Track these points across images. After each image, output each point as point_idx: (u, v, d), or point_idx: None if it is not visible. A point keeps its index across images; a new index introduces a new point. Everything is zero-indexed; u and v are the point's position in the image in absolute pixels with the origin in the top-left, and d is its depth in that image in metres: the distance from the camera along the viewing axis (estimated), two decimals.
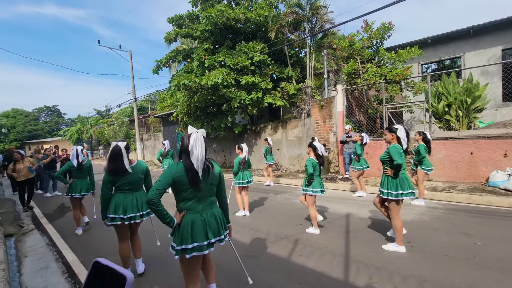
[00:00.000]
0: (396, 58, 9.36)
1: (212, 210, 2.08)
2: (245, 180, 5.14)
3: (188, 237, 1.93)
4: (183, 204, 2.00)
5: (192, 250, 1.93)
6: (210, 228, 2.00)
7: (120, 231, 2.93)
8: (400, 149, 3.28)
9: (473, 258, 3.02)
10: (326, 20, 10.02)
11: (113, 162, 2.84)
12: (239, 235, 4.14)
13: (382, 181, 3.47)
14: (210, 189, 2.06)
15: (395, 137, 3.37)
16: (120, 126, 22.51)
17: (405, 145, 3.33)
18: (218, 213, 2.12)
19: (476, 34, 10.02)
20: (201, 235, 1.95)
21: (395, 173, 3.29)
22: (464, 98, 6.85)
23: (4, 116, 48.72)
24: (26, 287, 3.10)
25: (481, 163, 6.40)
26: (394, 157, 3.22)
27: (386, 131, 3.47)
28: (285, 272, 2.97)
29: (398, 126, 3.40)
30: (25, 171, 6.64)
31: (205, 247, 1.96)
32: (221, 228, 2.08)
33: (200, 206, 2.02)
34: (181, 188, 1.95)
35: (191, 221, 1.96)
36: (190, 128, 2.03)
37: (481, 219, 4.34)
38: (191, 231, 1.95)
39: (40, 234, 4.84)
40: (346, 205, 5.61)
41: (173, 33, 12.03)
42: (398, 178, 3.29)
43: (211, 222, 2.02)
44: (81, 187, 4.63)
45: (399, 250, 3.27)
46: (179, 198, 2.01)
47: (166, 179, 1.90)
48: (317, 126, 9.41)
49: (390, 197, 3.29)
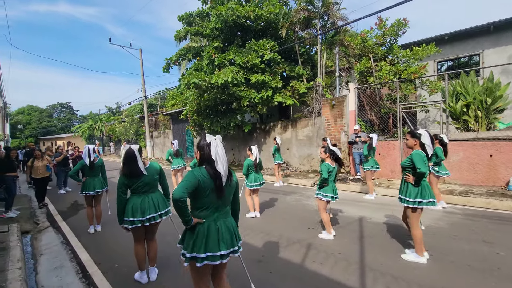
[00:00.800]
0: (411, 56, 9.07)
1: (227, 220, 2.03)
2: (257, 182, 5.07)
3: (202, 246, 1.89)
4: (199, 212, 1.95)
5: (204, 259, 1.89)
6: (223, 239, 1.95)
7: (137, 233, 2.93)
8: (424, 157, 3.10)
9: (497, 269, 2.88)
10: (339, 17, 9.79)
11: (128, 165, 2.86)
12: (250, 238, 4.10)
13: (402, 187, 3.30)
14: (227, 198, 2.02)
15: (418, 143, 3.18)
16: (130, 123, 22.81)
17: (430, 151, 3.14)
18: (232, 225, 2.07)
19: (496, 30, 9.59)
20: (214, 245, 1.91)
21: (417, 181, 3.11)
22: (484, 98, 6.57)
23: (19, 113, 50.21)
24: (42, 286, 3.15)
25: (501, 166, 6.15)
26: (418, 165, 3.04)
27: (409, 135, 3.27)
28: (298, 279, 2.91)
29: (422, 131, 3.18)
30: (43, 169, 6.84)
31: (217, 258, 1.92)
32: (234, 239, 2.03)
33: (216, 214, 1.97)
34: (202, 193, 1.90)
35: (207, 227, 1.93)
36: (209, 137, 1.98)
37: (503, 226, 4.15)
38: (206, 240, 1.91)
39: (55, 232, 4.93)
40: (359, 208, 5.49)
41: (183, 31, 12.02)
42: (420, 186, 3.13)
43: (225, 232, 1.97)
44: (94, 185, 4.69)
45: (419, 261, 3.10)
46: (196, 205, 1.96)
47: (193, 180, 1.85)
48: (328, 125, 9.25)
49: (409, 204, 3.15)
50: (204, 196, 1.91)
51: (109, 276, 3.16)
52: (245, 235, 4.20)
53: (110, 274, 3.21)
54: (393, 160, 7.74)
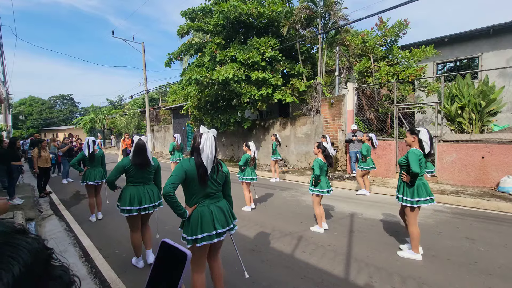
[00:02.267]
0: (410, 57, 9.18)
1: (219, 203, 2.22)
2: (249, 177, 5.26)
3: (198, 228, 2.08)
4: (192, 199, 2.15)
5: (202, 239, 2.08)
6: (217, 220, 2.14)
7: (132, 221, 3.11)
8: (420, 155, 3.14)
9: (474, 263, 3.06)
10: (340, 16, 9.87)
11: (138, 155, 3.03)
12: (244, 229, 4.29)
13: (399, 185, 3.36)
14: (217, 187, 2.20)
15: (417, 140, 3.23)
16: (131, 117, 22.97)
17: (428, 148, 3.17)
18: (225, 205, 2.26)
19: (496, 33, 9.68)
20: (209, 226, 2.10)
21: (411, 181, 3.17)
22: (478, 101, 6.71)
23: (21, 104, 50.36)
24: None
25: (492, 168, 6.31)
26: (412, 165, 3.08)
27: (408, 132, 3.33)
28: (288, 268, 3.10)
29: (420, 129, 3.24)
30: (48, 159, 7.19)
31: (214, 236, 2.11)
32: (229, 219, 2.23)
33: (207, 200, 2.16)
34: (191, 183, 2.09)
35: (200, 213, 2.11)
36: (202, 128, 2.16)
37: (487, 225, 4.33)
38: (200, 222, 2.10)
39: (58, 219, 5.13)
40: (351, 204, 5.67)
41: (186, 26, 12.11)
42: (416, 185, 3.19)
43: (218, 214, 2.17)
44: (94, 175, 4.88)
45: (415, 257, 3.18)
46: (188, 193, 2.16)
47: (179, 173, 2.03)
48: (326, 123, 9.40)
49: (405, 203, 3.21)
50: (193, 186, 2.10)
51: (110, 260, 3.36)
52: (240, 226, 4.39)
53: (110, 259, 3.41)
54: (388, 159, 7.90)
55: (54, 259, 0.45)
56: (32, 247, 0.40)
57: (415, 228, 3.22)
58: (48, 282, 0.40)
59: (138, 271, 3.12)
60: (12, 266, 0.36)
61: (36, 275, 0.38)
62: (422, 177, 3.25)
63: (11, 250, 0.37)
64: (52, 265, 0.44)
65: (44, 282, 0.40)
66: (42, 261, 0.41)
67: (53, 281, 0.41)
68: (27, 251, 0.39)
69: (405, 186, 3.25)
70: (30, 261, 0.38)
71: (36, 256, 0.40)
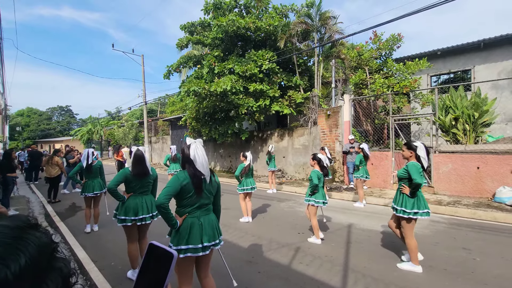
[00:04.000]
0: (405, 70, 9.41)
1: (209, 216, 2.24)
2: (249, 186, 5.28)
3: (184, 239, 2.09)
4: (184, 209, 2.17)
5: (186, 251, 2.08)
6: (205, 233, 2.15)
7: (129, 232, 3.10)
8: (420, 168, 3.17)
9: (470, 273, 3.06)
10: (335, 30, 10.18)
11: (137, 165, 3.06)
12: (242, 241, 4.26)
13: (397, 197, 3.35)
14: (208, 197, 2.23)
15: (414, 155, 3.25)
16: (130, 128, 23.02)
17: (426, 164, 3.21)
18: (214, 219, 2.29)
19: (487, 47, 9.99)
20: (196, 238, 2.11)
21: (412, 193, 3.17)
22: (471, 112, 6.85)
23: (19, 115, 50.35)
24: None
25: (487, 178, 6.37)
26: (414, 176, 3.11)
27: (405, 147, 3.37)
28: (284, 279, 3.07)
29: (418, 144, 3.26)
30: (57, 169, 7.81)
31: (199, 250, 2.11)
32: (216, 233, 2.24)
33: (198, 212, 2.18)
34: (185, 195, 2.12)
35: (190, 224, 2.13)
36: (189, 139, 2.21)
37: (483, 235, 4.34)
38: (189, 233, 2.11)
39: (53, 231, 5.06)
40: (348, 215, 5.66)
41: (185, 39, 12.39)
42: (415, 197, 3.20)
43: (207, 227, 2.18)
44: (93, 186, 4.88)
45: (415, 269, 3.15)
46: (180, 204, 2.18)
47: (174, 186, 2.06)
48: (323, 135, 9.49)
49: (403, 215, 3.19)
50: (188, 197, 2.12)
51: (105, 273, 3.31)
52: (237, 238, 4.36)
53: (106, 271, 3.36)
54: (385, 170, 7.95)
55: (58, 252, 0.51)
56: (40, 242, 0.46)
57: (413, 240, 3.21)
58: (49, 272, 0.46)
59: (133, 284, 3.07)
60: (19, 257, 0.42)
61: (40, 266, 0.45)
62: (420, 190, 3.28)
63: (21, 244, 0.43)
64: (56, 258, 0.49)
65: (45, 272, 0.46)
66: (47, 254, 0.47)
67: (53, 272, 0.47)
68: (34, 245, 0.45)
69: (405, 198, 3.23)
70: (36, 254, 0.44)
71: (42, 250, 0.46)
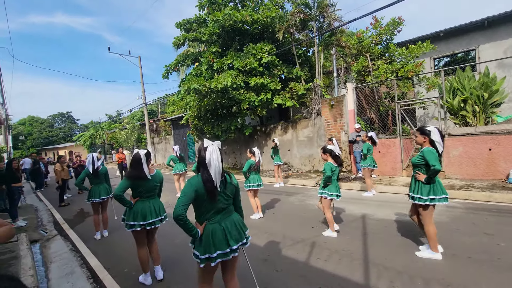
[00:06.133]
0: (407, 54, 9.18)
1: (231, 217, 2.13)
2: (256, 183, 5.17)
3: (211, 247, 1.99)
4: (203, 216, 2.06)
5: (216, 258, 1.99)
6: (231, 236, 2.05)
7: (138, 237, 3.05)
8: (436, 153, 3.05)
9: (497, 260, 2.94)
10: (334, 18, 9.92)
11: (134, 168, 3.01)
12: (255, 239, 4.17)
13: (412, 185, 3.25)
14: (228, 201, 2.11)
15: (428, 140, 3.12)
16: (131, 130, 22.96)
17: (441, 148, 3.07)
18: (237, 219, 2.17)
19: (491, 25, 9.72)
20: (222, 243, 2.01)
21: (429, 179, 3.06)
22: (480, 93, 6.65)
23: (21, 124, 50.47)
24: None
25: (500, 159, 6.21)
26: (432, 162, 2.99)
27: (418, 132, 3.23)
28: (304, 276, 2.98)
29: (431, 128, 3.12)
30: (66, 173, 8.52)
31: (229, 254, 2.03)
32: (241, 233, 2.14)
33: (219, 216, 2.07)
34: (201, 200, 2.00)
35: (211, 231, 2.02)
36: (206, 141, 2.08)
37: (503, 219, 4.22)
38: (213, 241, 2.00)
39: (63, 239, 5.01)
40: (360, 205, 5.55)
41: (181, 37, 12.18)
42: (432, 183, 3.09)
43: (231, 229, 2.08)
44: (99, 192, 4.80)
45: (435, 257, 3.09)
46: (199, 211, 2.07)
47: (189, 193, 1.94)
48: (328, 125, 9.34)
49: (421, 202, 3.10)
50: (203, 202, 2.01)
51: (119, 280, 3.24)
52: (250, 236, 4.27)
53: (119, 278, 3.29)
54: (393, 157, 7.81)
55: None
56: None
57: (432, 227, 3.11)
58: None
59: None
60: None
61: None
62: (436, 176, 3.15)
63: None
64: None
65: None
66: None
67: None
68: None
69: (421, 185, 3.13)
70: None
71: None
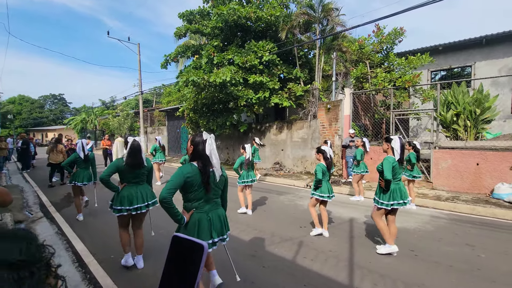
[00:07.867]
0: (406, 64, 9.32)
1: (217, 211, 2.18)
2: (249, 179, 5.28)
3: (195, 235, 2.01)
4: (191, 204, 2.08)
5: None
6: (214, 228, 2.10)
7: (122, 219, 3.11)
8: (394, 162, 3.34)
9: (477, 270, 3.05)
10: (338, 22, 9.98)
11: (132, 156, 3.01)
12: (244, 234, 4.20)
13: (377, 190, 3.57)
14: (216, 191, 2.16)
15: (390, 147, 3.43)
16: (125, 118, 22.62)
17: (397, 156, 3.37)
18: (222, 214, 2.23)
19: (488, 43, 9.94)
20: (206, 234, 2.05)
21: (386, 186, 3.35)
22: (473, 109, 6.83)
23: (10, 102, 49.07)
24: None
25: (486, 175, 6.40)
26: (385, 172, 3.31)
27: (384, 140, 3.56)
28: (290, 274, 3.02)
29: (394, 137, 3.44)
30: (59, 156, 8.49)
31: (210, 245, 2.07)
32: (224, 228, 2.20)
33: (207, 206, 2.11)
34: (191, 189, 2.03)
35: (197, 220, 2.05)
36: (205, 134, 2.10)
37: (485, 231, 4.36)
38: (198, 229, 2.04)
39: (48, 222, 4.93)
40: (349, 209, 5.64)
41: (183, 28, 12.06)
42: (392, 189, 3.37)
43: (216, 222, 2.12)
44: (83, 176, 4.94)
45: (391, 250, 3.37)
46: (187, 198, 2.09)
47: (178, 179, 1.96)
48: (323, 128, 9.42)
49: (382, 206, 3.41)
50: (193, 191, 2.03)
51: (105, 266, 3.22)
52: (239, 231, 4.30)
53: (105, 264, 3.27)
54: None
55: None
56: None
57: (382, 223, 3.46)
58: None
59: (135, 276, 2.99)
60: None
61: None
62: (399, 182, 3.48)
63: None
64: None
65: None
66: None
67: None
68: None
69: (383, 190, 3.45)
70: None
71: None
